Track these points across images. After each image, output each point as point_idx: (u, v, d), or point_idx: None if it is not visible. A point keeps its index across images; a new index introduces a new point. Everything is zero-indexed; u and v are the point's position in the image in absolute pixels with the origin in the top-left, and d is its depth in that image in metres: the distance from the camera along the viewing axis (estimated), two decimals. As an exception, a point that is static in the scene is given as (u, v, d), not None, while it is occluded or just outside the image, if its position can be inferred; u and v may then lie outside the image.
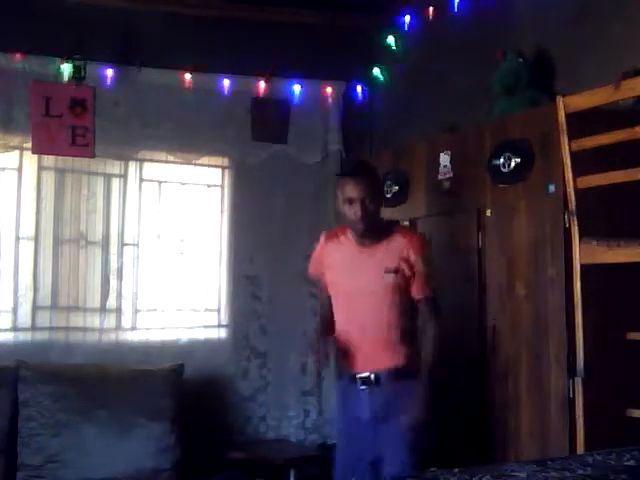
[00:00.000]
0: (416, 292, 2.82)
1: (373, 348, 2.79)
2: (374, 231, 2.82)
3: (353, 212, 2.77)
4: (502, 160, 3.14)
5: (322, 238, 3.02)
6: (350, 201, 2.76)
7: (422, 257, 2.80)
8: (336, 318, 2.93)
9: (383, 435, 2.73)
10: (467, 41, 3.92)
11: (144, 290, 4.25)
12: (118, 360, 3.98)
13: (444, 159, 3.51)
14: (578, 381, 2.56)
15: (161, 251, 4.31)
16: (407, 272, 2.78)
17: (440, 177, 3.53)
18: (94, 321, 4.11)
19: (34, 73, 4.00)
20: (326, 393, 4.50)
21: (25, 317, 3.98)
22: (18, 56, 3.94)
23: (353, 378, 2.82)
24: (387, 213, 3.14)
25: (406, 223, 3.57)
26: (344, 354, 2.86)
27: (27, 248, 4.02)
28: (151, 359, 4.04)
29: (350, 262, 2.87)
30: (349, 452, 2.86)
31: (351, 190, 2.76)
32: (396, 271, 2.77)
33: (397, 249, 2.80)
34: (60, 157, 4.09)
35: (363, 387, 2.79)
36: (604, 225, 2.66)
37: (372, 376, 2.78)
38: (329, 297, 2.97)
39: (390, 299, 2.78)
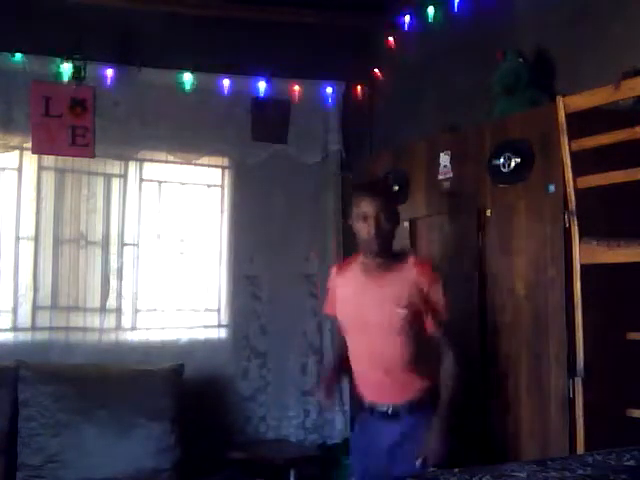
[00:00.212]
0: (431, 324, 2.74)
1: (388, 380, 2.74)
2: (385, 257, 2.74)
3: (367, 230, 2.68)
4: (502, 160, 3.14)
5: (332, 271, 2.98)
6: (365, 218, 2.69)
7: (436, 287, 2.72)
8: (349, 350, 2.87)
9: (397, 464, 2.68)
10: (467, 41, 3.92)
11: (144, 290, 4.25)
12: (118, 360, 3.98)
13: (444, 159, 3.51)
14: (578, 381, 2.55)
15: (161, 251, 4.31)
16: (419, 304, 2.70)
17: (440, 177, 3.53)
18: (94, 321, 4.11)
19: (34, 73, 4.00)
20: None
21: (25, 317, 3.98)
22: (18, 56, 3.94)
23: (371, 410, 2.79)
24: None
25: (406, 224, 3.57)
26: (360, 386, 2.83)
27: (27, 248, 4.02)
28: (151, 359, 4.04)
29: (360, 293, 2.80)
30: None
31: (366, 206, 2.69)
32: (408, 306, 2.69)
33: (409, 279, 2.71)
34: (60, 157, 4.09)
35: (380, 419, 2.75)
36: (604, 225, 2.66)
37: (390, 409, 2.74)
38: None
39: (403, 332, 2.70)
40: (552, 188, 2.90)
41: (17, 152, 4.06)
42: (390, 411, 2.74)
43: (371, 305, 2.75)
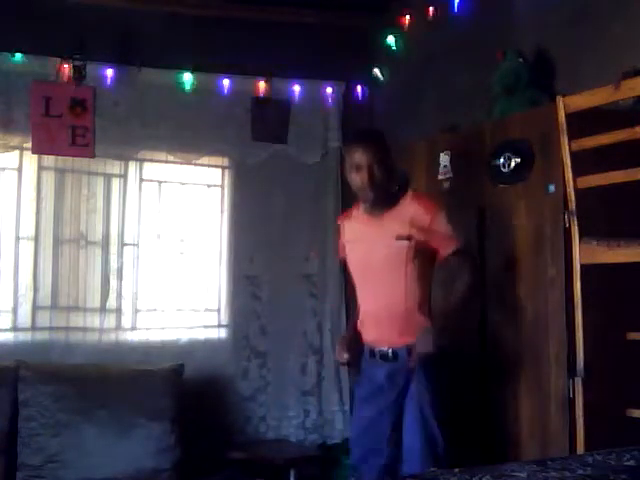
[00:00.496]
0: (443, 249, 2.75)
1: (390, 321, 2.74)
2: (384, 199, 2.75)
3: (360, 179, 2.71)
4: (502, 160, 3.14)
5: (339, 221, 3.00)
6: (357, 168, 2.71)
7: (437, 216, 2.74)
8: (357, 295, 2.90)
9: (401, 423, 2.70)
10: (467, 41, 3.92)
11: (144, 290, 4.25)
12: (118, 360, 3.98)
13: (444, 159, 3.51)
14: (578, 381, 2.55)
15: (161, 251, 4.31)
16: (421, 237, 2.71)
17: (440, 177, 3.53)
18: (94, 321, 4.11)
19: (34, 73, 4.00)
20: (326, 393, 4.50)
21: (25, 317, 3.98)
22: (18, 56, 3.95)
23: (372, 353, 2.80)
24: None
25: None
26: (365, 331, 2.84)
27: (27, 248, 4.02)
28: (151, 359, 4.04)
29: (361, 234, 2.83)
30: (363, 442, 2.85)
31: (359, 157, 2.70)
32: (409, 238, 2.70)
33: (408, 214, 2.73)
34: (60, 157, 4.09)
35: (381, 362, 2.76)
36: (604, 225, 2.66)
37: (390, 352, 2.75)
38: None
39: (404, 267, 2.71)
40: (552, 188, 2.90)
41: (17, 152, 4.05)
42: (391, 354, 2.74)
43: (373, 243, 2.77)
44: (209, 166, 4.51)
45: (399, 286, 2.73)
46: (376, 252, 2.76)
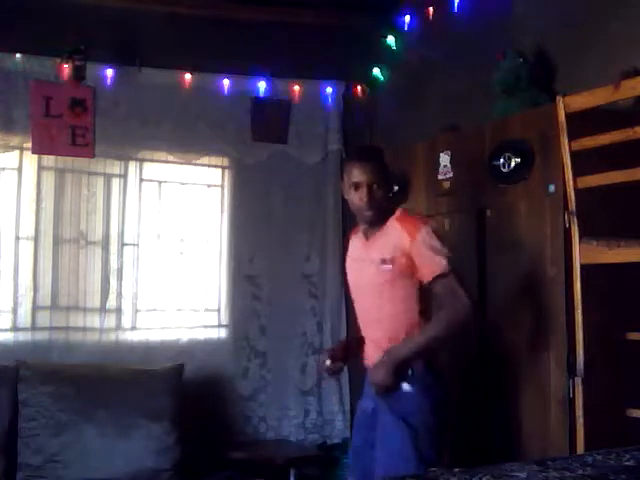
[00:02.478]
0: (424, 275, 2.58)
1: (379, 342, 2.70)
2: (380, 220, 2.70)
3: (359, 198, 2.65)
4: (502, 160, 3.14)
5: (349, 236, 2.97)
6: (356, 186, 2.65)
7: (418, 238, 2.57)
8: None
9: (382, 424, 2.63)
10: (467, 41, 3.92)
11: (144, 290, 4.25)
12: (118, 360, 3.98)
13: (444, 159, 3.51)
14: (578, 381, 2.55)
15: (161, 251, 4.31)
16: (403, 261, 2.61)
17: (440, 177, 3.53)
18: (94, 321, 4.11)
19: (34, 73, 4.00)
20: (326, 393, 4.50)
21: (25, 317, 3.98)
22: (18, 56, 3.95)
23: (365, 370, 2.78)
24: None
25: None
26: (364, 351, 2.82)
27: (27, 248, 4.02)
28: (151, 359, 4.04)
29: (356, 254, 2.83)
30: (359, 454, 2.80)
31: (358, 175, 2.64)
32: (392, 261, 2.61)
33: (392, 237, 2.65)
34: (60, 157, 4.09)
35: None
36: (604, 225, 2.66)
37: None
38: None
39: (389, 291, 2.64)
40: (552, 188, 2.90)
41: (17, 152, 4.05)
42: None
43: (362, 265, 2.75)
44: (209, 166, 4.51)
45: (384, 309, 2.67)
46: (364, 275, 2.74)
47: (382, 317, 2.70)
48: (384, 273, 2.64)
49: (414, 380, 2.59)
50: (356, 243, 2.86)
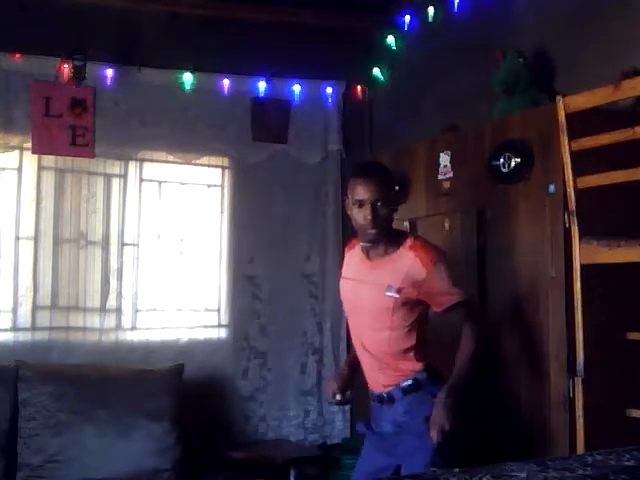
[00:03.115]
0: (438, 305, 2.58)
1: (379, 365, 2.66)
2: (383, 242, 2.62)
3: (363, 216, 2.57)
4: (502, 160, 3.14)
5: (345, 250, 2.90)
6: (360, 204, 2.57)
7: (434, 271, 2.54)
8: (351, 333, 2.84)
9: (403, 448, 2.59)
10: (467, 41, 3.92)
11: (144, 290, 4.25)
12: (118, 360, 3.98)
13: (444, 159, 3.51)
14: (578, 381, 2.55)
15: (161, 251, 4.30)
16: (412, 293, 2.56)
17: (440, 177, 3.53)
18: (94, 321, 4.11)
19: (34, 73, 4.00)
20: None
21: (25, 317, 3.98)
22: (18, 56, 3.94)
23: (371, 394, 2.73)
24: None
25: (406, 224, 3.57)
26: (363, 373, 2.78)
27: (27, 248, 4.01)
28: (151, 359, 4.04)
29: (354, 274, 2.74)
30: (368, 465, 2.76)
31: (362, 192, 2.56)
32: (399, 291, 2.56)
33: (404, 266, 2.56)
34: (60, 157, 4.08)
35: (379, 404, 2.69)
36: (604, 225, 2.66)
37: (385, 394, 2.66)
38: None
39: (390, 316, 2.59)
40: (552, 188, 2.90)
41: (17, 152, 4.05)
42: (386, 395, 2.65)
43: (362, 287, 2.67)
44: (209, 166, 4.50)
45: (384, 334, 2.62)
46: (363, 298, 2.67)
47: (380, 340, 2.65)
48: (388, 301, 2.58)
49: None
50: (354, 261, 2.77)
